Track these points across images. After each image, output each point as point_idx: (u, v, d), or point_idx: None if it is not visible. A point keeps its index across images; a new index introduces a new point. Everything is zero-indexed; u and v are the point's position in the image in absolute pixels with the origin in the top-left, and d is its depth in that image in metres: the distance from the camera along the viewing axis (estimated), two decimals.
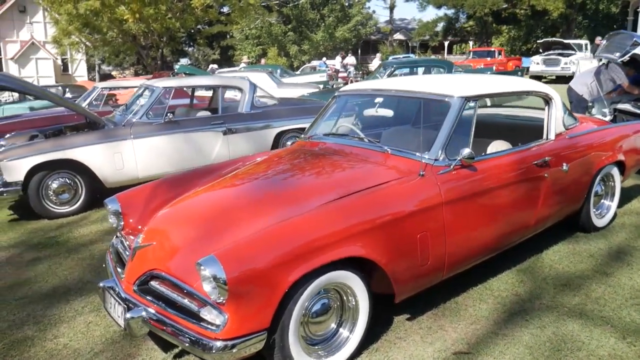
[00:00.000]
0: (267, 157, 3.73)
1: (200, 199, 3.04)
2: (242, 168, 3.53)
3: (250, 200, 2.88)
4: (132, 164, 5.98)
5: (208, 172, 3.68)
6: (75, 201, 5.85)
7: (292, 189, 2.94)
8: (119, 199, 3.37)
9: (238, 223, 2.66)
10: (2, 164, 5.40)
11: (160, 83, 6.31)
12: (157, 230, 2.84)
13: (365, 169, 3.11)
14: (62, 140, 5.73)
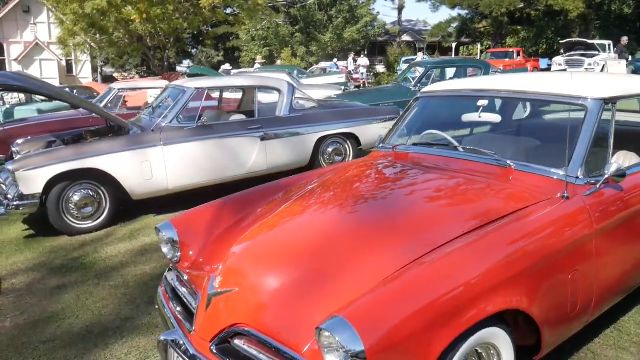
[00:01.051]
0: (346, 171, 3.09)
1: (285, 229, 2.40)
2: (320, 186, 2.90)
3: (355, 230, 2.24)
4: (162, 174, 5.35)
5: (275, 191, 3.05)
6: (99, 215, 5.21)
7: (408, 215, 2.30)
8: (175, 225, 2.74)
9: (349, 263, 2.03)
10: (18, 175, 4.77)
11: (191, 83, 5.68)
12: (239, 272, 2.20)
13: (493, 189, 2.48)
14: (85, 147, 5.10)
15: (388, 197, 2.56)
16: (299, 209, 2.58)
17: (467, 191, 2.49)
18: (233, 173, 5.76)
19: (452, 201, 2.44)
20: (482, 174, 2.62)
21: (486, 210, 2.29)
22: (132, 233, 5.06)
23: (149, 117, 5.70)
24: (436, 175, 2.73)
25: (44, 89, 5.24)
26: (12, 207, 4.82)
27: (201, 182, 5.61)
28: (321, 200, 2.66)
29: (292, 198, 2.77)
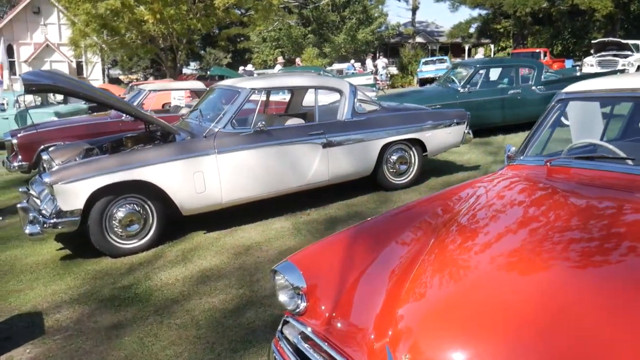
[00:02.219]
0: (498, 194, 2.42)
1: (473, 282, 1.73)
2: (479, 215, 2.23)
3: (595, 289, 1.57)
4: (216, 186, 4.70)
5: (409, 219, 2.38)
6: (144, 234, 4.57)
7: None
8: (299, 266, 2.08)
9: (612, 346, 1.36)
10: (57, 188, 4.13)
11: (246, 83, 5.03)
12: (433, 347, 1.54)
13: None
14: (130, 157, 4.45)
15: (601, 231, 1.90)
16: (474, 250, 1.92)
17: None
18: (292, 184, 5.11)
19: None
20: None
21: None
22: (185, 254, 4.41)
23: (198, 122, 5.06)
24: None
25: (85, 90, 4.61)
26: (48, 225, 4.18)
27: (257, 194, 4.96)
28: (499, 237, 1.99)
29: (448, 232, 2.11)
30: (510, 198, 2.36)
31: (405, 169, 5.83)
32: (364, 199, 5.64)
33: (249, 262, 4.17)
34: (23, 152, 7.08)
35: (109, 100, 4.80)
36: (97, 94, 4.70)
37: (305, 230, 4.82)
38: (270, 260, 4.15)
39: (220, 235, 4.84)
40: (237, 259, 4.25)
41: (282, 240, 4.59)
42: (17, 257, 4.63)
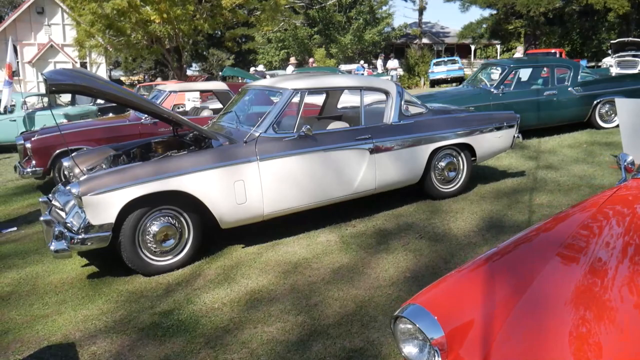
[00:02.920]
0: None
1: None
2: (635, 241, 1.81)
3: None
4: (258, 196, 4.27)
5: (547, 244, 1.96)
6: (180, 249, 4.13)
7: None
8: (433, 310, 1.64)
9: None
10: (87, 200, 3.69)
11: (288, 84, 4.60)
12: None
13: None
14: (166, 164, 4.01)
15: None
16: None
17: None
18: (338, 194, 4.68)
19: None
20: None
21: None
22: (226, 273, 3.98)
23: (235, 125, 4.62)
24: None
25: (115, 91, 4.17)
26: (76, 242, 3.74)
27: (300, 205, 4.53)
28: None
29: (614, 264, 1.69)
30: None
31: (453, 176, 5.40)
32: (411, 208, 5.20)
33: (301, 282, 3.73)
34: (37, 156, 6.65)
35: (141, 102, 4.37)
36: (130, 96, 4.26)
37: (355, 244, 4.38)
38: (324, 280, 3.72)
39: (262, 250, 4.40)
40: (287, 278, 3.82)
41: (331, 257, 4.16)
42: (39, 275, 4.20)
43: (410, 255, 4.08)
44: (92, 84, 3.99)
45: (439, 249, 4.17)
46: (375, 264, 3.96)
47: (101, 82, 4.26)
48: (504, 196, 5.41)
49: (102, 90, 4.08)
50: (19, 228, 5.61)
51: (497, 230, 4.45)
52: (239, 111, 4.90)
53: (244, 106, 5.09)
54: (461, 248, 4.16)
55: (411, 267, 3.86)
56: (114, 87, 4.33)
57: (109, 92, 4.13)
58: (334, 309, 3.31)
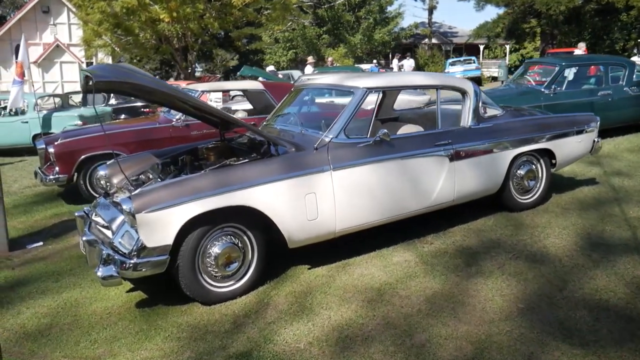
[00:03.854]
0: None
1: None
2: None
3: None
4: (330, 210, 3.70)
5: None
6: (242, 273, 3.57)
7: None
8: None
9: None
10: (142, 218, 3.12)
11: (359, 82, 4.03)
12: None
13: None
14: (229, 175, 3.44)
15: None
16: None
17: None
18: (414, 207, 4.12)
19: None
20: None
21: None
22: (299, 301, 3.41)
23: (300, 129, 4.04)
24: None
25: (167, 89, 3.60)
26: (128, 267, 3.17)
27: (375, 220, 3.97)
28: None
29: None
30: None
31: (532, 185, 4.83)
32: (489, 222, 4.64)
33: (394, 314, 3.17)
34: (61, 162, 6.07)
35: (199, 104, 3.80)
36: (187, 98, 3.69)
37: (440, 266, 3.82)
38: (421, 312, 3.15)
39: (332, 272, 3.84)
40: (374, 308, 3.25)
41: (418, 281, 3.59)
42: (79, 302, 3.63)
43: (512, 280, 3.51)
44: (142, 81, 3.42)
45: (543, 272, 3.60)
46: (474, 291, 3.39)
47: (150, 79, 3.69)
48: (589, 208, 4.84)
49: (154, 89, 3.51)
50: (45, 243, 5.04)
51: (604, 250, 3.88)
52: (298, 113, 4.34)
53: (302, 107, 4.54)
54: (569, 271, 3.59)
55: (520, 295, 3.30)
56: (166, 86, 3.76)
57: (163, 91, 3.55)
58: (448, 350, 2.75)
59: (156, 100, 4.39)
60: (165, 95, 3.75)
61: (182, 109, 4.41)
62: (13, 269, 4.34)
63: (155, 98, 4.14)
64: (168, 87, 3.72)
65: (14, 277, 4.17)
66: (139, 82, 3.38)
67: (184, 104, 3.96)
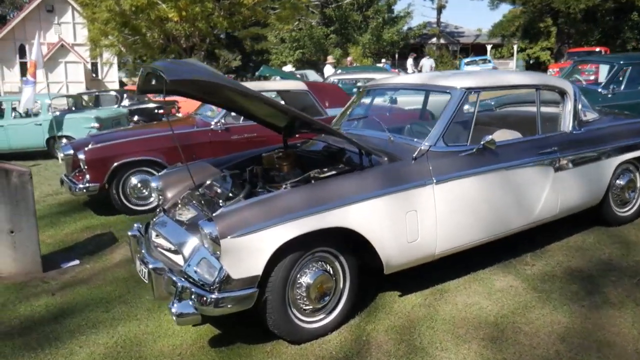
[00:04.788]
0: None
1: None
2: None
3: None
4: (431, 230, 3.18)
5: None
6: (333, 305, 3.04)
7: None
8: None
9: None
10: (227, 244, 2.59)
11: (457, 81, 3.50)
12: None
13: None
14: (322, 191, 2.91)
15: None
16: None
17: None
18: (517, 223, 3.60)
19: None
20: None
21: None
22: (405, 339, 2.88)
23: (388, 135, 3.49)
24: None
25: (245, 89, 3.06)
26: (209, 302, 2.64)
27: (476, 240, 3.45)
28: None
29: None
30: None
31: (632, 196, 4.32)
32: (588, 239, 4.12)
33: (529, 358, 2.64)
34: (92, 170, 5.52)
35: (284, 107, 3.25)
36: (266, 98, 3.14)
37: (555, 293, 3.29)
38: (564, 356, 2.63)
39: (429, 301, 3.31)
40: (501, 350, 2.73)
41: (537, 313, 3.07)
42: (140, 339, 3.09)
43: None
44: (217, 79, 2.89)
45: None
46: (612, 327, 2.88)
47: (220, 76, 3.15)
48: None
49: (232, 89, 2.97)
50: (81, 261, 4.50)
51: None
52: (378, 117, 3.81)
53: (376, 110, 4.01)
54: None
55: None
56: (240, 85, 3.23)
57: (239, 91, 3.01)
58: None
59: (217, 102, 3.86)
60: (239, 95, 3.22)
61: (245, 111, 3.88)
62: (53, 294, 3.80)
63: (218, 99, 3.61)
64: (243, 86, 3.18)
65: (56, 305, 3.63)
66: (216, 81, 2.85)
67: (255, 104, 3.43)
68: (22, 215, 4.17)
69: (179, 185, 3.73)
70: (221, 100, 3.68)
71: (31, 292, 3.87)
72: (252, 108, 3.62)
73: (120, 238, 5.04)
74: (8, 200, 4.12)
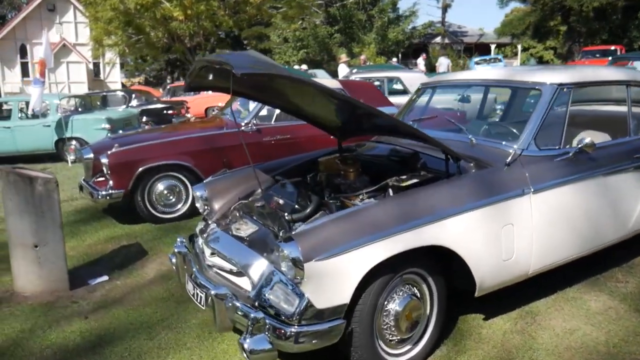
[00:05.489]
0: None
1: None
2: None
3: None
4: (527, 246, 2.77)
5: None
6: (420, 333, 2.63)
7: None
8: None
9: None
10: (312, 268, 2.18)
11: (546, 76, 3.10)
12: None
13: None
14: (413, 204, 2.51)
15: None
16: None
17: None
18: (612, 236, 3.21)
19: None
20: None
21: None
22: None
23: (471, 138, 3.07)
24: None
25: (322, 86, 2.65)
26: (289, 336, 2.22)
27: (572, 255, 3.05)
28: None
29: None
30: None
31: None
32: None
33: None
34: (116, 175, 5.09)
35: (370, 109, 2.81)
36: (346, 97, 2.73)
37: None
38: None
39: (521, 325, 2.90)
40: None
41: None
42: None
43: None
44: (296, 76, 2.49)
45: None
46: None
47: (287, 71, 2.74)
48: None
49: (315, 87, 2.56)
50: (110, 277, 4.09)
51: None
52: (451, 116, 3.41)
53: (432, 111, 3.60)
54: None
55: None
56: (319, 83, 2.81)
57: (324, 90, 2.59)
58: None
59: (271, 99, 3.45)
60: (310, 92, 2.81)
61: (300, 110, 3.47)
62: (86, 317, 3.38)
63: (276, 97, 3.20)
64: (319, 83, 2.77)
65: (91, 330, 3.21)
66: (293, 77, 2.45)
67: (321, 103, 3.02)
68: (47, 227, 3.75)
69: (226, 194, 3.33)
70: (279, 97, 3.26)
71: (61, 314, 3.45)
72: (313, 107, 3.21)
73: (150, 250, 4.63)
74: (32, 211, 3.70)
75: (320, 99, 2.96)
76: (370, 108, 2.80)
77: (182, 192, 5.38)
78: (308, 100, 3.10)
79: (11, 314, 3.48)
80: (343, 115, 3.21)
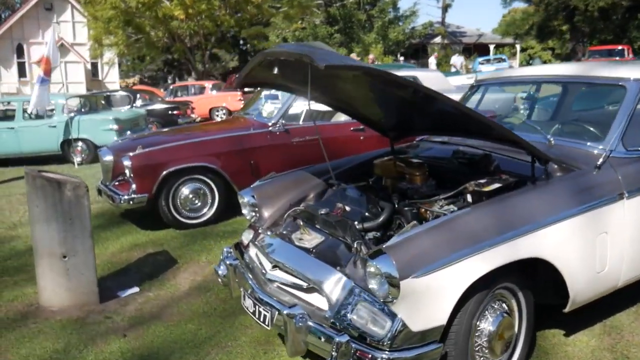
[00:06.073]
0: None
1: None
2: None
3: None
4: (619, 256, 2.53)
5: None
6: (509, 353, 2.38)
7: None
8: None
9: None
10: (409, 286, 1.92)
11: (629, 72, 2.85)
12: None
13: None
14: (508, 212, 2.25)
15: None
16: None
17: None
18: None
19: None
20: None
21: None
22: None
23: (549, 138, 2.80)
24: None
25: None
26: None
27: None
28: None
29: None
30: None
31: None
32: None
33: None
34: (140, 178, 4.81)
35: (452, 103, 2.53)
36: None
37: None
38: None
39: (609, 343, 2.66)
40: None
41: None
42: None
43: None
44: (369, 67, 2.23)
45: None
46: None
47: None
48: None
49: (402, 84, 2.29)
50: (141, 289, 3.81)
51: None
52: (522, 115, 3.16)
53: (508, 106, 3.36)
54: None
55: None
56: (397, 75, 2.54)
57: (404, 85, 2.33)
58: None
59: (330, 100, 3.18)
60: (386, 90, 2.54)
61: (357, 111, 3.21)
62: (125, 335, 3.10)
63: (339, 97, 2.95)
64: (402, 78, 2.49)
65: (133, 351, 2.93)
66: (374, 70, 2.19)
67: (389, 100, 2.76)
68: (77, 236, 3.46)
69: (276, 200, 3.06)
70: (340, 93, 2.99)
71: (95, 331, 3.17)
72: (375, 105, 2.96)
73: (179, 258, 4.36)
74: (61, 219, 3.41)
75: (395, 95, 2.68)
76: (466, 108, 2.53)
77: (208, 196, 5.10)
78: (373, 97, 2.85)
79: (40, 332, 3.20)
80: (407, 112, 2.95)
